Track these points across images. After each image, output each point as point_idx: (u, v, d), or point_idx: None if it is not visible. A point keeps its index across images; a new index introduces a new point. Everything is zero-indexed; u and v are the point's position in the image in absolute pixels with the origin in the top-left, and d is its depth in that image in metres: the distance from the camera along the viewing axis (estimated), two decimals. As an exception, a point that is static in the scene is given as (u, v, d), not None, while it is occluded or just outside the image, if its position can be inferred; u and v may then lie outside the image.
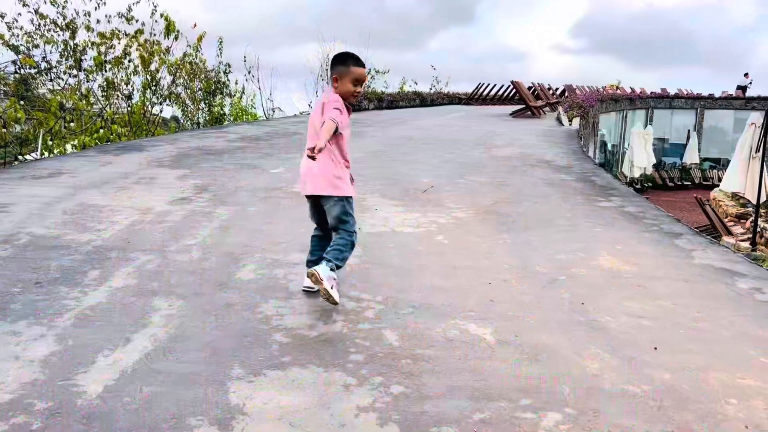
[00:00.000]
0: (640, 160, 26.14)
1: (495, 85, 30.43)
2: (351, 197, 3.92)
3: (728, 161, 35.92)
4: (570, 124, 17.69)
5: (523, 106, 20.61)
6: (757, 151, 14.04)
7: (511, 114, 19.83)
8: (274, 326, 3.45)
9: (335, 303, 3.67)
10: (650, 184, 29.26)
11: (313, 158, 3.52)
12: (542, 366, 3.11)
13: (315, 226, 4.11)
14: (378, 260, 4.68)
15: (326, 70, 23.08)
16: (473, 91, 30.65)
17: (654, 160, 27.79)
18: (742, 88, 36.07)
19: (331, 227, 3.93)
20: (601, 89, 30.46)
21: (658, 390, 2.92)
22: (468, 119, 17.64)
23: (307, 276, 3.72)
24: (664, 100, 35.96)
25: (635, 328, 3.63)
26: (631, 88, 35.59)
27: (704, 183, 31.31)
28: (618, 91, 32.40)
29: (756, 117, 14.28)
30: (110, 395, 2.67)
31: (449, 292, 4.08)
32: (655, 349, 3.36)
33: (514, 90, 25.22)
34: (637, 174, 25.69)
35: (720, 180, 30.90)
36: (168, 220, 5.54)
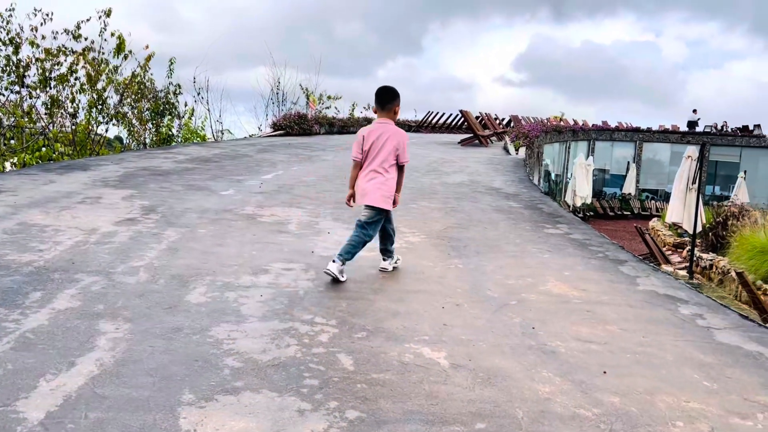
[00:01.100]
0: (581, 189, 26.88)
1: (444, 113, 31.00)
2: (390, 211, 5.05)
3: (665, 192, 37.48)
4: (516, 153, 18.11)
5: (472, 134, 21.01)
6: (693, 182, 14.65)
7: (459, 142, 20.18)
8: (226, 350, 3.37)
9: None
10: (592, 213, 30.13)
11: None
12: (496, 390, 3.14)
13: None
14: (331, 284, 4.65)
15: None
16: (423, 118, 31.12)
17: (591, 191, 28.60)
18: (692, 124, 37.63)
19: (358, 224, 4.89)
20: (546, 120, 31.34)
21: (608, 413, 2.98)
22: (418, 146, 17.84)
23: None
24: (605, 133, 37.29)
25: (585, 353, 3.70)
26: (574, 120, 36.77)
27: (643, 213, 32.45)
28: (562, 123, 33.43)
29: (692, 150, 14.90)
30: (53, 422, 2.55)
31: (403, 316, 4.08)
32: (605, 372, 3.43)
33: (463, 119, 25.73)
34: (579, 203, 26.39)
35: (657, 210, 32.21)
36: (114, 241, 5.38)
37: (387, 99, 4.94)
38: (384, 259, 5.12)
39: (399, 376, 3.20)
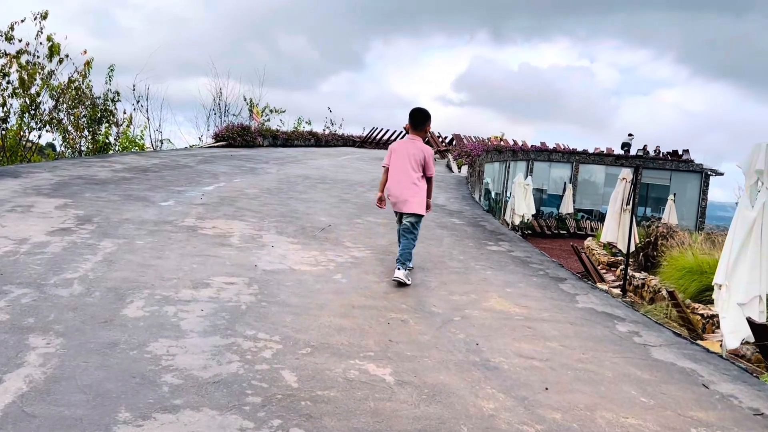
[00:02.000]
0: (520, 208, 27.53)
1: (387, 130, 31.23)
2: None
3: (599, 213, 38.68)
4: (459, 171, 18.36)
5: (416, 151, 21.17)
6: (628, 204, 15.19)
7: (403, 158, 20.29)
8: (165, 366, 3.26)
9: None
10: (530, 232, 30.81)
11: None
12: (441, 406, 3.14)
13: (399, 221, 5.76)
14: (275, 298, 4.57)
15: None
16: (367, 134, 31.27)
17: (533, 209, 29.28)
18: (627, 146, 38.98)
19: (404, 228, 5.58)
20: (487, 140, 31.98)
21: (550, 429, 3.02)
22: (362, 161, 17.89)
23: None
24: (544, 153, 38.35)
25: (527, 369, 3.75)
26: (514, 141, 37.67)
27: (578, 232, 33.41)
28: (502, 143, 34.21)
29: (627, 173, 15.47)
30: (-24, 443, 2.40)
31: (348, 331, 4.05)
32: (546, 389, 3.48)
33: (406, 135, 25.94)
34: (517, 221, 26.98)
35: (592, 230, 33.23)
36: (47, 252, 5.15)
37: (420, 120, 5.67)
38: (397, 267, 5.44)
39: (344, 393, 3.16)
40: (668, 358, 4.23)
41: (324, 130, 29.58)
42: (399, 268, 5.37)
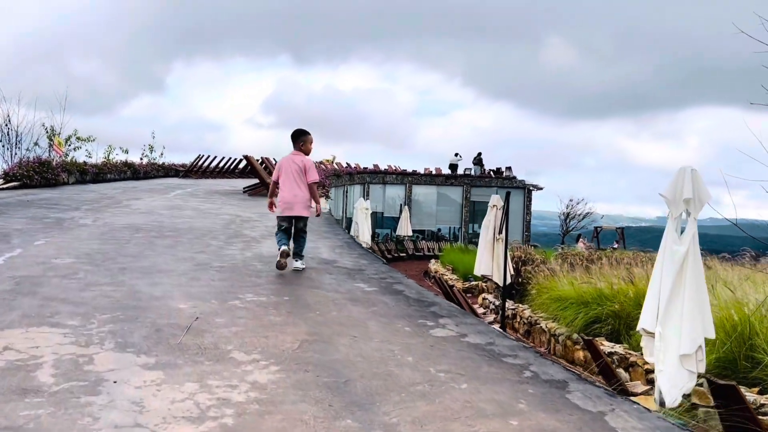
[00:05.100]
0: (364, 234, 26.27)
1: (215, 156, 28.50)
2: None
3: (432, 233, 38.80)
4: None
5: (257, 181, 18.85)
6: (500, 232, 14.12)
7: (244, 190, 17.86)
8: None
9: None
10: (372, 258, 29.52)
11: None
12: None
13: (283, 229, 7.20)
14: None
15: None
16: (192, 162, 28.21)
17: (370, 234, 28.15)
18: (454, 166, 39.74)
19: (297, 232, 7.23)
20: (320, 164, 30.54)
21: None
22: (198, 198, 15.15)
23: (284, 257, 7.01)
24: (378, 176, 37.81)
25: None
26: (347, 163, 36.65)
27: (416, 254, 32.83)
28: (335, 166, 32.94)
29: (497, 199, 14.42)
30: None
31: None
32: None
33: (238, 162, 23.57)
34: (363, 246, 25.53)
35: (429, 250, 32.92)
36: None
37: (295, 138, 7.03)
38: (296, 260, 7.03)
39: None
40: None
41: (141, 160, 25.97)
42: (298, 260, 7.07)
